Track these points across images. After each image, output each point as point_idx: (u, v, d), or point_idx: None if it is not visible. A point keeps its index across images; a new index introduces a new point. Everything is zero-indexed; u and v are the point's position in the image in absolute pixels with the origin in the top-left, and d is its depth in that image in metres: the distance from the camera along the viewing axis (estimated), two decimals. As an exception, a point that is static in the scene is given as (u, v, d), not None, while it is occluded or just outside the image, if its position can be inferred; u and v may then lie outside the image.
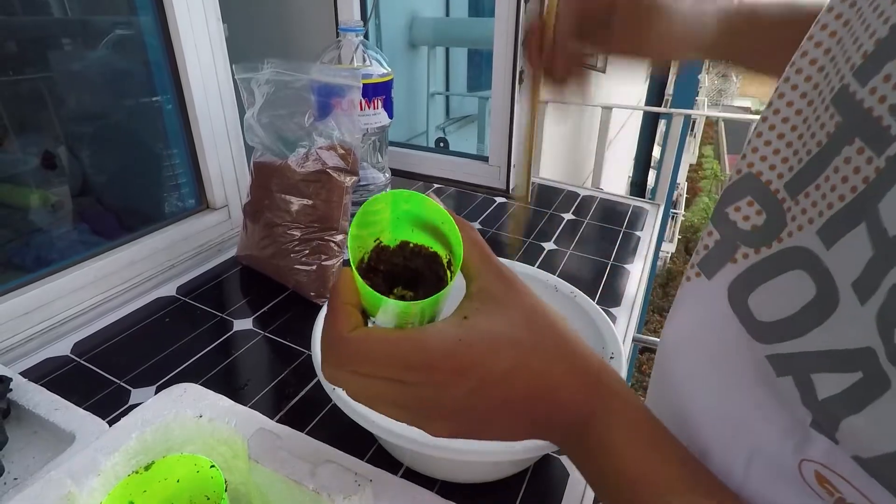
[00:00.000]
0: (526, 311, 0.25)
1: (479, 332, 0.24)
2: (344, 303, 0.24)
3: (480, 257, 0.26)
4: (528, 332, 0.24)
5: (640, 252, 0.89)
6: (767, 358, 0.24)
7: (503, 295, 0.25)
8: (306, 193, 0.66)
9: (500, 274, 0.26)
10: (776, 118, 0.26)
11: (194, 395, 0.35)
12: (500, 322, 0.24)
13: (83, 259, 0.66)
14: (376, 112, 0.72)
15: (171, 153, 0.85)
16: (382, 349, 0.23)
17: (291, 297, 0.70)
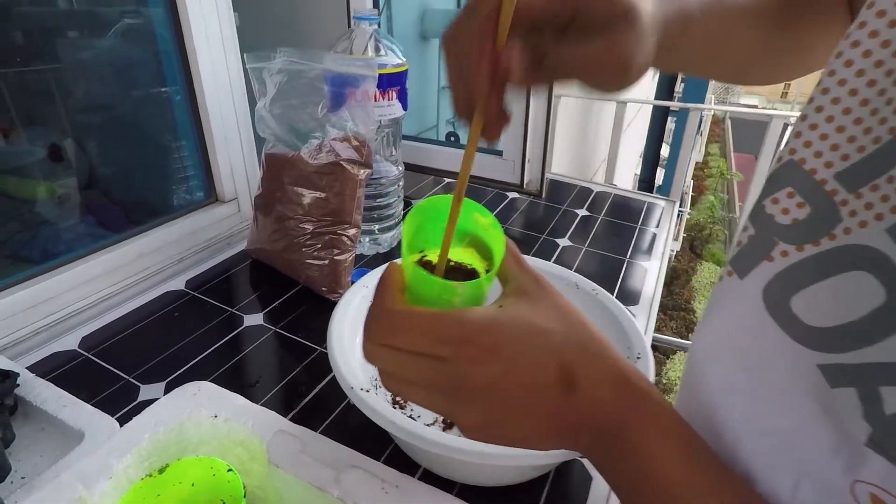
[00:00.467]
0: (558, 308, 0.26)
1: (514, 317, 0.25)
2: (391, 285, 0.26)
3: (516, 262, 0.28)
4: (559, 326, 0.25)
5: (657, 249, 0.87)
6: (820, 367, 0.23)
7: (536, 293, 0.26)
8: (319, 186, 0.64)
9: (535, 276, 0.27)
10: (830, 103, 0.24)
11: (208, 393, 0.34)
12: (533, 312, 0.25)
13: (91, 251, 0.64)
14: (391, 103, 0.70)
15: (181, 145, 0.84)
16: (421, 321, 0.24)
17: (303, 292, 0.68)
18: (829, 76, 0.24)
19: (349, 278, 0.68)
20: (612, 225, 0.93)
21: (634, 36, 0.25)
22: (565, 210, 0.97)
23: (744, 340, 0.28)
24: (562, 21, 0.25)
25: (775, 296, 0.25)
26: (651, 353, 0.45)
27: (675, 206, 1.03)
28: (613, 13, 0.25)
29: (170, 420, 0.31)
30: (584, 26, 0.25)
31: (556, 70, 0.26)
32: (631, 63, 0.26)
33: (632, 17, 0.25)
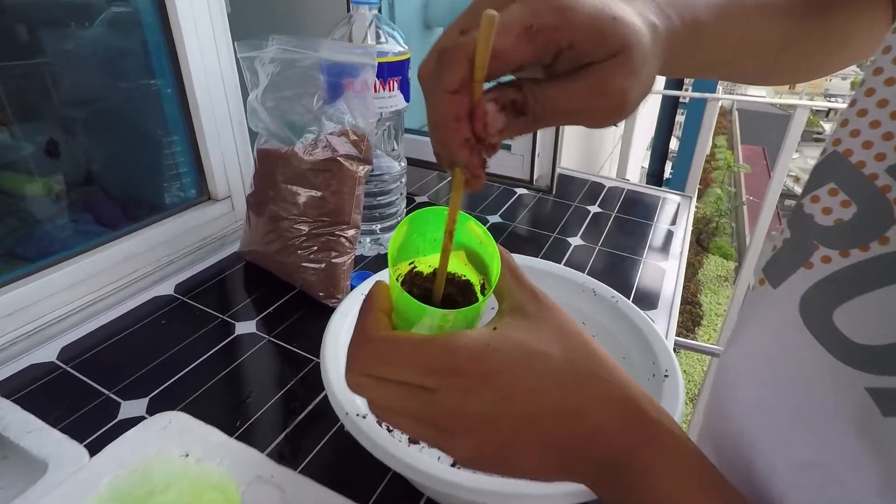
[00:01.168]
0: (559, 329, 0.24)
1: (509, 341, 0.23)
2: (375, 308, 0.24)
3: (513, 278, 0.25)
4: (560, 349, 0.23)
5: (673, 248, 0.82)
6: (869, 391, 0.20)
7: (535, 312, 0.24)
8: (315, 184, 0.60)
9: (533, 293, 0.25)
10: (884, 84, 0.21)
11: (181, 426, 0.29)
12: (530, 335, 0.23)
13: (72, 255, 0.60)
14: (392, 94, 0.66)
15: (171, 140, 0.79)
16: (407, 350, 0.22)
17: (298, 298, 0.64)
18: (882, 54, 0.21)
19: (348, 282, 0.63)
20: (626, 222, 0.89)
21: (630, 69, 0.21)
22: (576, 207, 0.92)
23: (778, 357, 0.25)
24: (543, 63, 0.22)
25: (814, 308, 0.23)
26: (679, 370, 0.41)
27: (692, 202, 0.98)
28: (604, 50, 0.21)
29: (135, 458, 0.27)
30: (570, 65, 0.22)
31: (540, 117, 0.22)
32: (626, 99, 0.22)
33: (626, 51, 0.21)
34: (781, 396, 0.24)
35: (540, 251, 0.78)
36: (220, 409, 0.48)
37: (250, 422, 0.47)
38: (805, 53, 0.34)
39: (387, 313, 0.24)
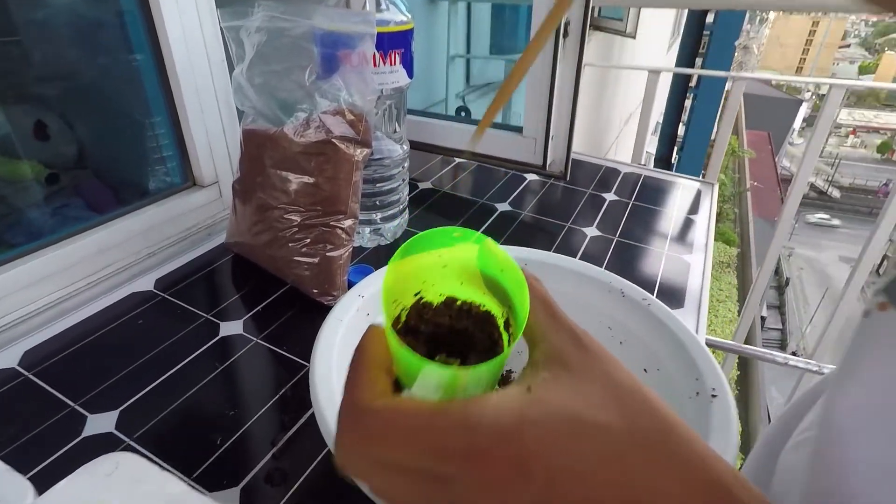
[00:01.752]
0: (613, 385, 0.18)
1: (550, 408, 0.17)
2: (370, 366, 0.19)
3: (548, 314, 0.20)
4: (619, 415, 0.17)
5: (697, 240, 0.76)
6: None
7: (580, 362, 0.19)
8: (307, 169, 0.54)
9: (574, 335, 0.19)
10: None
11: (129, 472, 0.24)
12: (577, 396, 0.17)
13: (36, 248, 0.54)
14: (394, 69, 0.59)
15: (153, 121, 0.73)
16: (412, 425, 0.17)
17: (290, 294, 0.58)
18: None
19: (345, 278, 0.58)
20: (645, 211, 0.82)
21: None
22: (591, 194, 0.86)
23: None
24: None
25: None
26: (729, 388, 0.35)
27: (714, 189, 0.92)
28: None
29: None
30: None
31: None
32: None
33: None
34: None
35: (553, 243, 0.72)
36: (198, 425, 0.43)
37: (233, 439, 0.42)
38: None
39: (385, 369, 0.19)
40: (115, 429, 0.42)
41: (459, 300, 0.22)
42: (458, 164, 0.94)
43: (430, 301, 0.22)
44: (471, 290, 0.22)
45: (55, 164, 0.75)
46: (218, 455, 0.41)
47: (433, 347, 0.22)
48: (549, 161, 0.79)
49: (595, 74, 2.24)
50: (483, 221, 0.75)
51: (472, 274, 0.22)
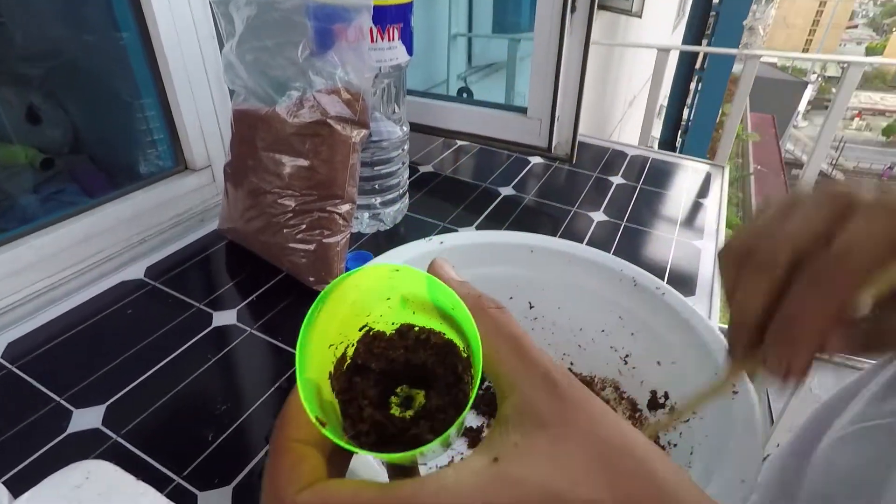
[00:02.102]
0: (600, 446, 0.15)
1: (522, 493, 0.14)
2: (294, 442, 0.15)
3: (516, 354, 0.16)
4: (608, 486, 0.14)
5: (708, 226, 0.73)
6: None
7: (558, 417, 0.15)
8: (301, 151, 0.51)
9: (550, 380, 0.16)
10: None
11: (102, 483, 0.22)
12: (556, 470, 0.14)
13: (22, 234, 0.52)
14: (392, 45, 0.56)
15: (142, 103, 0.70)
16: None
17: (285, 282, 0.56)
18: None
19: (342, 265, 0.55)
20: (653, 195, 0.80)
21: None
22: (597, 177, 0.83)
23: None
24: None
25: None
26: (751, 385, 0.33)
27: (725, 173, 0.89)
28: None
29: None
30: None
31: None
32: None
33: None
34: None
35: (558, 228, 0.69)
36: (189, 420, 0.41)
37: (225, 434, 0.40)
38: None
39: (314, 443, 0.15)
40: (101, 424, 0.40)
41: (416, 327, 0.18)
42: (459, 147, 0.91)
43: (382, 331, 0.18)
44: (426, 318, 0.18)
45: (49, 148, 0.73)
46: (210, 452, 0.39)
47: (389, 383, 0.18)
48: (554, 143, 0.76)
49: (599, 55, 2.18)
50: (485, 206, 0.73)
51: (423, 304, 0.18)
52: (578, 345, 0.45)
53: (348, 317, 0.18)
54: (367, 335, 0.18)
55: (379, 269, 0.17)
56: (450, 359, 0.18)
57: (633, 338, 0.42)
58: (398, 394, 0.18)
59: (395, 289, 0.18)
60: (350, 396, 0.17)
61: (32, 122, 0.72)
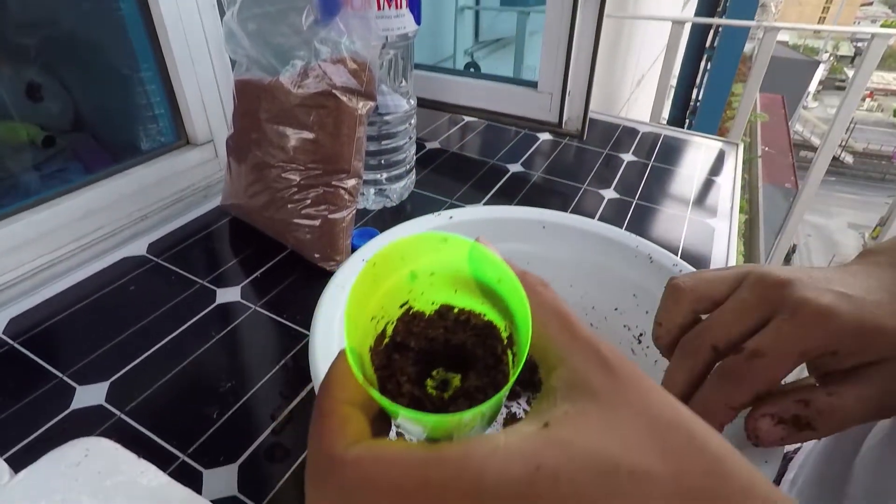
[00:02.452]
0: (653, 420, 0.14)
1: (574, 454, 0.13)
2: (340, 403, 0.15)
3: (564, 329, 0.16)
4: (661, 458, 0.14)
5: (722, 205, 0.71)
6: None
7: (610, 391, 0.15)
8: (306, 124, 0.49)
9: (600, 356, 0.16)
10: None
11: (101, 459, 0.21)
12: (609, 436, 0.14)
13: (21, 209, 0.51)
14: (399, 13, 0.54)
15: (141, 75, 0.68)
16: (400, 480, 0.13)
17: (290, 259, 0.55)
18: None
19: (348, 241, 0.54)
20: (665, 172, 0.78)
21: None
22: (608, 154, 0.81)
23: None
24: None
25: None
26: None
27: (739, 150, 0.87)
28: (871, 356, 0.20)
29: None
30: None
31: (825, 428, 0.21)
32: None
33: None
34: None
35: (568, 206, 0.68)
36: (194, 397, 0.40)
37: (230, 412, 0.39)
38: None
39: (360, 405, 0.15)
40: (105, 401, 0.39)
41: (456, 308, 0.18)
42: (467, 122, 0.89)
43: (422, 311, 0.18)
44: (467, 298, 0.18)
45: (50, 125, 0.71)
46: (215, 429, 0.38)
47: (427, 363, 0.18)
48: (564, 119, 0.74)
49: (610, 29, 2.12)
50: (494, 183, 0.71)
51: (465, 282, 0.18)
52: (591, 323, 0.44)
53: (392, 290, 0.17)
54: (406, 314, 0.18)
55: (429, 239, 0.16)
56: (490, 341, 0.17)
57: (647, 316, 0.41)
58: (434, 377, 0.18)
59: (440, 262, 0.17)
60: (389, 372, 0.17)
61: (33, 99, 0.71)
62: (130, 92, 0.68)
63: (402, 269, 0.17)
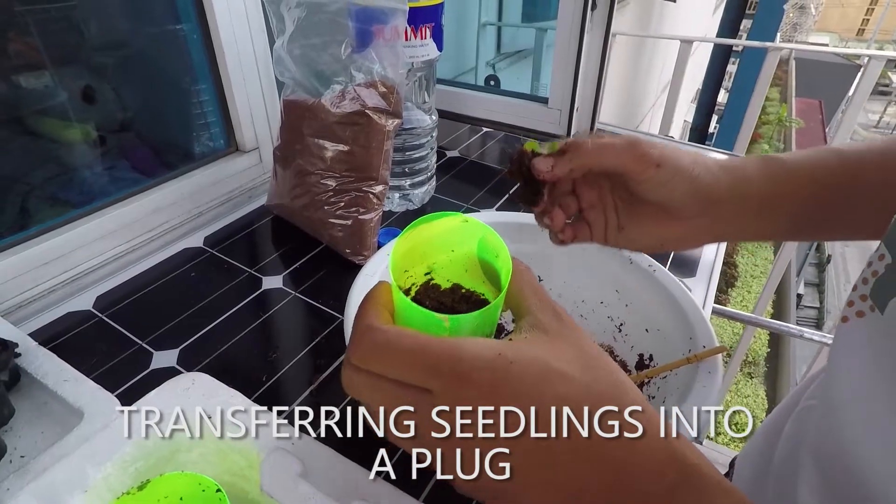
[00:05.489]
0: (581, 350, 0.22)
1: (524, 354, 0.20)
2: (380, 304, 0.22)
3: (534, 294, 0.23)
4: (581, 372, 0.21)
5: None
6: None
7: (556, 330, 0.22)
8: (342, 138, 0.58)
9: (555, 312, 0.23)
10: None
11: (204, 388, 0.29)
12: (549, 352, 0.21)
13: (104, 206, 0.61)
14: (424, 43, 0.62)
15: (199, 88, 0.78)
16: (410, 346, 0.20)
17: (325, 253, 0.64)
18: None
19: (375, 239, 0.62)
20: (668, 183, 0.84)
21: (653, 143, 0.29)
22: (615, 165, 0.88)
23: (892, 382, 0.23)
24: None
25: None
26: (721, 362, 0.38)
27: (741, 163, 0.92)
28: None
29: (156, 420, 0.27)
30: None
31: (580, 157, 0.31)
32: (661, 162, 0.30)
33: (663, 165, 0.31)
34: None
35: (574, 212, 0.75)
36: (246, 364, 0.49)
37: (276, 378, 0.48)
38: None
39: (390, 311, 0.22)
40: (176, 363, 0.49)
41: (464, 288, 0.26)
42: (485, 132, 0.96)
43: (438, 284, 0.26)
44: (473, 279, 0.26)
45: (102, 126, 0.81)
46: (261, 392, 0.47)
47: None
48: (573, 132, 0.81)
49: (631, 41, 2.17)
50: (507, 189, 0.78)
51: (473, 263, 0.26)
52: (581, 315, 0.51)
53: (422, 254, 0.25)
54: (428, 283, 0.26)
55: (454, 218, 0.24)
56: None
57: (626, 309, 0.48)
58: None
59: (457, 242, 0.25)
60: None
61: (88, 102, 0.80)
62: (187, 103, 0.78)
63: (431, 238, 0.25)
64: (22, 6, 0.64)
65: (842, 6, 27.85)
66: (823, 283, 12.88)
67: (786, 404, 0.39)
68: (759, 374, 6.06)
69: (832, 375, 0.27)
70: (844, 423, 0.26)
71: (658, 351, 0.44)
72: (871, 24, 26.64)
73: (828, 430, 0.27)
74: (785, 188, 0.32)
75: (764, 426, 0.42)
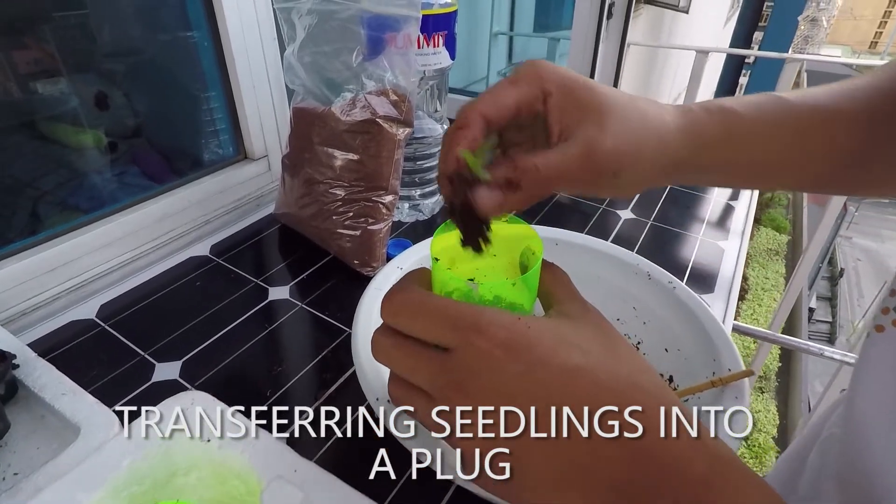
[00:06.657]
0: (603, 336, 0.22)
1: (543, 325, 0.21)
2: (415, 278, 0.24)
3: (565, 289, 0.24)
4: (601, 349, 0.21)
5: (734, 226, 0.75)
6: None
7: (582, 316, 0.22)
8: (352, 147, 0.57)
9: (584, 304, 0.23)
10: None
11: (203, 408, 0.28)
12: (570, 330, 0.21)
13: (110, 213, 0.60)
14: (436, 51, 0.61)
15: (208, 95, 0.77)
16: (438, 303, 0.21)
17: (333, 264, 0.62)
18: None
19: (384, 250, 0.61)
20: (681, 195, 0.82)
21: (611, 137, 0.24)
22: (628, 177, 0.86)
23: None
24: (527, 125, 0.27)
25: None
26: (748, 387, 0.36)
27: (758, 175, 0.90)
28: (583, 114, 0.25)
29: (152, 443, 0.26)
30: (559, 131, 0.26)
31: (533, 188, 0.25)
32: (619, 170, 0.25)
33: (605, 116, 0.25)
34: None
35: (586, 225, 0.73)
36: (250, 378, 0.48)
37: (280, 392, 0.46)
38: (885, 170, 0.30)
39: (424, 286, 0.24)
40: (178, 376, 0.47)
41: (505, 301, 0.25)
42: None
43: (481, 295, 0.25)
44: (511, 289, 0.25)
45: (113, 133, 0.81)
46: (268, 405, 0.45)
47: None
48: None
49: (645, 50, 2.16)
50: (518, 201, 0.77)
51: (515, 266, 0.27)
52: (595, 332, 0.50)
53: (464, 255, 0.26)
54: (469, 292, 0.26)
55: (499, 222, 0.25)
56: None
57: (644, 327, 0.46)
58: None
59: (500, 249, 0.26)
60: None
61: (101, 108, 0.80)
62: (197, 110, 0.78)
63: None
64: (37, 14, 0.64)
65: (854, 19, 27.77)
66: (836, 296, 12.71)
67: (810, 433, 0.38)
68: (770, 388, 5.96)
69: (856, 392, 0.25)
70: (867, 447, 0.24)
71: (679, 371, 0.42)
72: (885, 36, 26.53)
73: (850, 455, 0.26)
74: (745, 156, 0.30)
75: (787, 455, 0.40)
